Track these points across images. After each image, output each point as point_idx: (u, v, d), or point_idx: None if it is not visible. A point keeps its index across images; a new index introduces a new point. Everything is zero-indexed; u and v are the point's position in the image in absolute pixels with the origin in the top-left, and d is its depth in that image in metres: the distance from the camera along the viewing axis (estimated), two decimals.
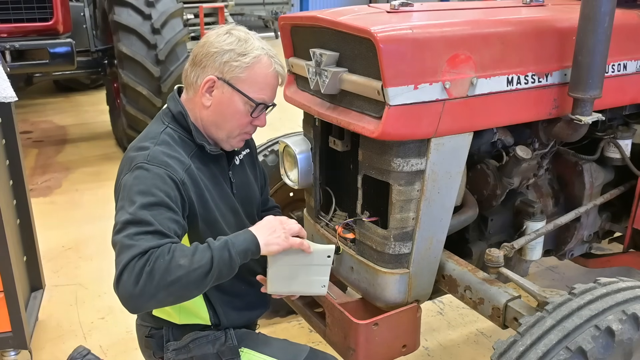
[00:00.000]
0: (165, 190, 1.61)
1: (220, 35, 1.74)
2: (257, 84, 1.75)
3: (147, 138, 1.77)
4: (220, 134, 1.82)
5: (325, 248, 1.80)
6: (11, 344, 2.65)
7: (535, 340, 1.59)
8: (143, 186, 1.60)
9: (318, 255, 1.78)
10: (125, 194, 1.62)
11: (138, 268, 1.48)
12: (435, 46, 1.85)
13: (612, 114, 2.54)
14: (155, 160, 1.65)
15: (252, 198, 2.03)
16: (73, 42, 5.49)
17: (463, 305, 2.67)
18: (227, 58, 1.71)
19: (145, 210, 1.56)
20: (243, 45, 1.73)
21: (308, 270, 1.79)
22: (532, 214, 2.40)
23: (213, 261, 1.55)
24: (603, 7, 1.96)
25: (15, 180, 2.89)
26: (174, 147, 1.73)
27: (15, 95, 2.64)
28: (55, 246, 4.16)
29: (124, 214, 1.57)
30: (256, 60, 1.73)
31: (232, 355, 1.82)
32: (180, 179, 1.66)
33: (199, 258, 1.54)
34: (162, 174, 1.63)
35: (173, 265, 1.50)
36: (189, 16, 9.98)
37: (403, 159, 1.92)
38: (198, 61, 1.75)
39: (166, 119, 1.81)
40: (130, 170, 1.67)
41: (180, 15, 5.92)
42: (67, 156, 6.24)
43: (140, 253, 1.50)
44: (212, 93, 1.75)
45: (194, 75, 1.76)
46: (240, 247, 1.61)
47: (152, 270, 1.48)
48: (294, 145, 2.34)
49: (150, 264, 1.49)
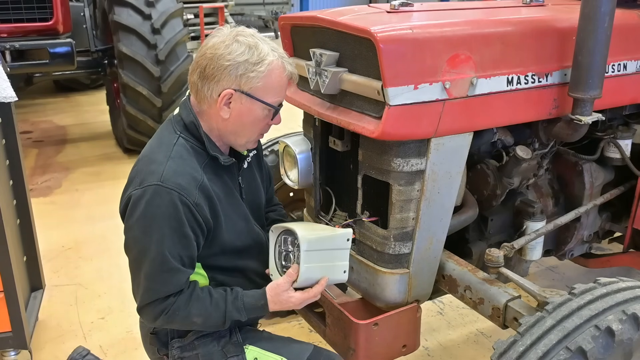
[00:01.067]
0: (180, 218, 1.66)
1: (229, 46, 1.69)
2: (273, 89, 1.75)
3: (159, 147, 1.76)
4: (239, 141, 1.82)
5: (343, 232, 1.85)
6: (11, 344, 2.65)
7: (535, 340, 1.59)
8: (161, 220, 1.65)
9: (340, 239, 1.84)
10: (139, 227, 1.68)
11: (157, 312, 1.71)
12: (435, 46, 1.85)
13: (612, 114, 2.54)
14: (168, 182, 1.66)
15: (260, 201, 2.04)
16: (73, 42, 5.49)
17: (463, 305, 2.67)
18: (243, 70, 1.69)
19: (162, 247, 1.66)
20: (255, 53, 1.69)
21: (332, 255, 1.84)
22: (532, 214, 2.40)
23: (225, 321, 1.78)
24: (603, 7, 1.96)
25: (15, 180, 2.89)
26: (187, 160, 1.73)
27: (15, 95, 2.64)
28: (55, 246, 4.16)
29: (146, 246, 1.67)
30: (271, 67, 1.72)
31: (237, 352, 1.83)
32: (193, 202, 1.67)
33: (214, 318, 1.76)
34: (176, 200, 1.65)
35: (188, 321, 1.75)
36: (189, 16, 9.99)
37: (403, 159, 1.92)
38: (210, 75, 1.70)
39: (178, 127, 1.79)
40: (142, 187, 1.67)
41: (180, 15, 5.92)
42: (67, 156, 6.24)
43: (159, 299, 1.70)
44: (230, 105, 1.73)
45: (208, 89, 1.72)
46: (251, 314, 1.82)
47: (169, 319, 1.72)
48: (294, 145, 2.34)
49: (168, 313, 1.71)
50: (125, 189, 1.77)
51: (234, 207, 1.84)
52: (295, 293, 1.80)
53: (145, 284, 1.69)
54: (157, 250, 1.65)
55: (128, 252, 1.75)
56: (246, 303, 1.79)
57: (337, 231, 1.84)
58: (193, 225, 1.69)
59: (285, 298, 1.80)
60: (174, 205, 1.64)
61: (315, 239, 1.80)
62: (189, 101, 1.81)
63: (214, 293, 1.78)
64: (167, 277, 1.68)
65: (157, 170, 1.67)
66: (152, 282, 1.68)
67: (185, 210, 1.66)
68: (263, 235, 1.96)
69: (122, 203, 1.75)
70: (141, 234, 1.68)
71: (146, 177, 1.68)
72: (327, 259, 1.83)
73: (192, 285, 1.76)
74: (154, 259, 1.66)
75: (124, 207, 1.74)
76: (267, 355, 1.84)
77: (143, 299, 1.71)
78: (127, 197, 1.72)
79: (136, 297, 1.75)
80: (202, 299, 1.74)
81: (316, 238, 1.80)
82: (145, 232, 1.67)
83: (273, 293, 1.80)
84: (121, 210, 1.76)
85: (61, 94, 8.75)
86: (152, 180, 1.66)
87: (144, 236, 1.67)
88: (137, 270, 1.71)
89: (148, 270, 1.68)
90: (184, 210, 1.66)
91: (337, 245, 1.84)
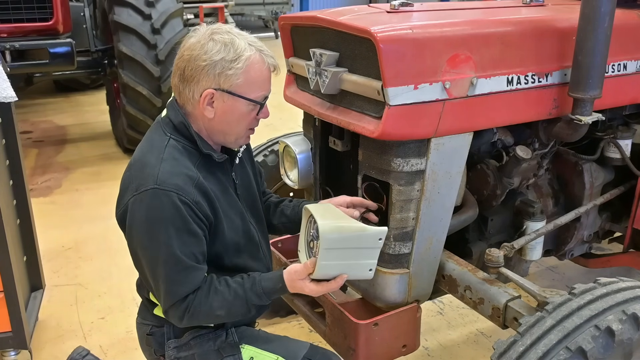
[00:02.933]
0: (183, 217, 1.65)
1: (204, 45, 1.68)
2: (254, 84, 1.73)
3: (151, 151, 1.74)
4: (229, 139, 1.81)
5: (377, 230, 1.75)
6: (11, 344, 2.65)
7: (535, 340, 1.59)
8: (165, 222, 1.64)
9: (369, 238, 1.74)
10: (144, 234, 1.66)
11: (180, 313, 1.71)
12: (435, 46, 1.85)
13: (612, 114, 2.54)
14: (165, 184, 1.64)
15: (254, 196, 2.02)
16: (73, 42, 5.49)
17: (463, 305, 2.67)
18: (220, 69, 1.67)
19: (172, 248, 1.65)
20: (231, 50, 1.68)
21: (358, 253, 1.75)
22: (532, 214, 2.40)
23: (249, 309, 1.78)
24: (603, 7, 1.96)
25: (15, 180, 2.89)
26: (180, 160, 1.71)
27: (15, 95, 2.63)
28: (55, 246, 4.16)
29: (156, 251, 1.66)
30: (249, 62, 1.70)
31: (233, 352, 1.83)
32: (192, 200, 1.66)
33: (237, 308, 1.76)
34: (175, 200, 1.63)
35: (212, 315, 1.75)
36: (189, 16, 10.00)
37: (403, 159, 1.92)
38: (189, 76, 1.70)
39: (167, 129, 1.77)
40: (139, 192, 1.65)
41: (180, 15, 5.91)
42: (67, 156, 6.24)
43: (179, 300, 1.69)
44: (213, 105, 1.72)
45: (189, 91, 1.71)
46: (272, 297, 1.81)
47: (193, 317, 1.72)
48: (294, 145, 2.34)
49: (190, 311, 1.71)
50: (120, 196, 1.74)
51: (230, 204, 1.83)
52: (310, 283, 1.76)
53: (164, 287, 1.68)
54: (168, 253, 1.64)
55: (138, 261, 1.73)
56: (265, 288, 1.76)
57: (369, 230, 1.74)
58: (197, 221, 1.68)
59: (300, 286, 1.77)
60: (175, 205, 1.63)
61: (338, 237, 1.71)
62: (176, 102, 1.80)
63: (232, 283, 1.76)
64: (184, 277, 1.67)
65: (152, 174, 1.66)
66: (170, 284, 1.67)
67: (187, 209, 1.65)
68: (256, 234, 1.94)
69: (118, 211, 1.73)
70: (147, 241, 1.67)
71: (141, 183, 1.66)
72: (350, 257, 1.74)
73: (209, 280, 1.75)
74: (167, 262, 1.65)
75: (121, 216, 1.72)
76: (263, 354, 1.84)
77: (165, 302, 1.70)
78: (124, 205, 1.70)
79: (159, 302, 1.75)
80: (221, 292, 1.73)
81: (339, 237, 1.71)
82: (152, 238, 1.65)
83: (289, 278, 1.77)
84: (119, 219, 1.74)
85: (61, 94, 8.74)
86: (148, 185, 1.64)
87: (151, 242, 1.66)
88: (154, 277, 1.70)
89: (163, 274, 1.67)
90: (186, 209, 1.65)
91: (366, 244, 1.75)
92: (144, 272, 1.75)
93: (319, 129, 2.25)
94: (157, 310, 1.88)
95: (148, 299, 1.90)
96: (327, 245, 1.70)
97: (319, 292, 1.79)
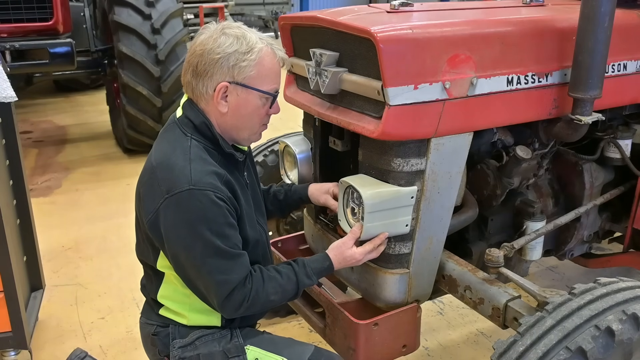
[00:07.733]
0: (223, 213, 1.68)
1: (217, 39, 1.70)
2: (267, 76, 1.75)
3: (174, 153, 1.73)
4: (242, 135, 1.82)
5: (408, 190, 1.95)
6: (11, 344, 2.64)
7: (535, 340, 1.59)
8: (206, 221, 1.65)
9: (404, 197, 1.95)
10: (186, 235, 1.66)
11: (238, 302, 1.72)
12: (435, 46, 1.85)
13: (612, 114, 2.54)
14: (200, 183, 1.65)
15: (259, 195, 2.05)
16: (73, 42, 5.49)
17: (463, 305, 2.67)
18: (234, 61, 1.69)
19: (216, 244, 1.66)
20: (244, 43, 1.71)
21: (395, 212, 1.96)
22: (532, 214, 2.40)
23: (298, 291, 1.85)
24: (603, 7, 1.96)
25: (15, 180, 2.89)
26: (206, 160, 1.72)
27: (15, 95, 2.64)
28: (55, 246, 4.16)
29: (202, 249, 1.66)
30: (261, 54, 1.73)
31: (238, 353, 1.83)
32: (227, 197, 1.69)
33: (288, 291, 1.82)
34: (213, 198, 1.65)
35: (267, 301, 1.78)
36: (189, 16, 10.01)
37: (403, 159, 1.92)
38: (202, 71, 1.71)
39: (187, 129, 1.77)
40: (172, 194, 1.65)
41: (180, 15, 5.92)
42: (67, 156, 6.24)
43: (236, 288, 1.71)
44: (226, 99, 1.74)
45: (203, 86, 1.73)
46: (320, 277, 1.92)
47: (251, 305, 1.74)
48: (294, 145, 2.34)
49: (249, 300, 1.73)
50: (146, 202, 1.73)
51: (246, 202, 1.86)
52: (357, 249, 1.93)
53: (216, 280, 1.68)
54: (214, 247, 1.66)
55: (179, 264, 1.72)
56: (314, 269, 1.87)
57: (402, 190, 1.94)
58: (233, 214, 1.72)
59: (349, 255, 1.91)
60: (214, 203, 1.65)
61: (379, 201, 1.91)
62: (193, 102, 1.80)
63: (281, 268, 1.83)
64: (232, 265, 1.69)
65: (184, 175, 1.66)
66: (221, 274, 1.68)
67: (224, 205, 1.68)
68: (263, 232, 1.97)
69: (149, 216, 1.71)
70: (191, 241, 1.66)
71: (173, 185, 1.66)
72: (389, 217, 1.95)
73: (259, 268, 1.79)
74: (214, 255, 1.66)
75: (154, 222, 1.70)
76: (268, 355, 1.84)
77: (220, 294, 1.70)
78: (156, 209, 1.68)
79: (211, 299, 1.74)
80: (274, 277, 1.79)
81: (380, 201, 1.91)
82: (195, 237, 1.65)
83: (338, 252, 1.91)
84: (150, 225, 1.72)
85: (61, 94, 8.75)
86: (182, 186, 1.64)
87: (194, 241, 1.66)
88: (201, 276, 1.70)
89: (213, 268, 1.67)
90: (223, 205, 1.67)
91: (401, 203, 1.95)
92: (187, 274, 1.74)
93: (319, 129, 2.25)
94: (162, 310, 1.89)
95: (153, 299, 1.90)
96: (370, 209, 1.90)
97: (366, 254, 1.95)
